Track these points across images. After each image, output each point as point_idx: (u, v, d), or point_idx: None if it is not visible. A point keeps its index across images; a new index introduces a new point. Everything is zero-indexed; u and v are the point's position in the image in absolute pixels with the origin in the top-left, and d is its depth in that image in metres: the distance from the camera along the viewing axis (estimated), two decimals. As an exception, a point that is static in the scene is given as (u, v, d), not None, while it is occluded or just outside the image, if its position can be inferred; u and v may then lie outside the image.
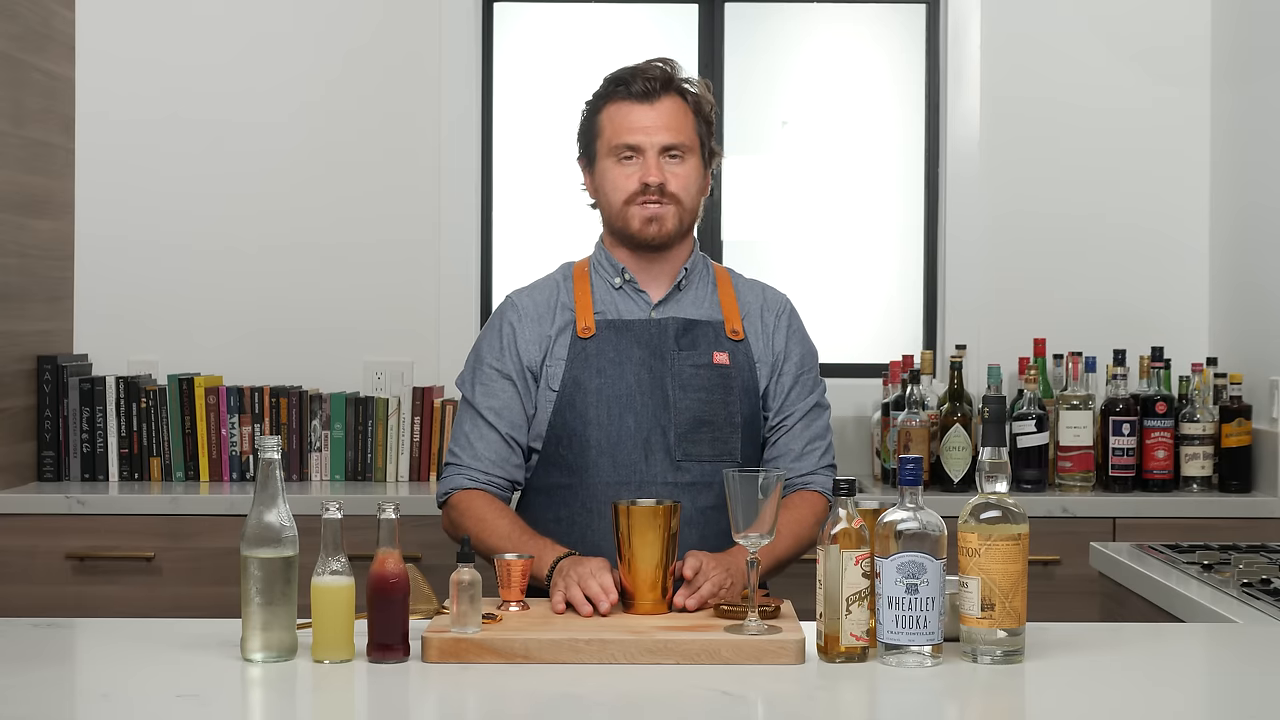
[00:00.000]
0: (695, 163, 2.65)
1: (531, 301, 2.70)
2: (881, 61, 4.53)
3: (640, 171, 2.61)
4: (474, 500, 2.61)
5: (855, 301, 4.48)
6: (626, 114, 2.63)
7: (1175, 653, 2.24)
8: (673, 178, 2.62)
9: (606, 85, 2.68)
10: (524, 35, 4.52)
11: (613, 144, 2.63)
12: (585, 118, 2.71)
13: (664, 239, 2.64)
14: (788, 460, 2.67)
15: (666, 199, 2.61)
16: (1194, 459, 3.95)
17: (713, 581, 2.31)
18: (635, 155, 2.62)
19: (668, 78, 2.65)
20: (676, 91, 2.65)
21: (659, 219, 2.62)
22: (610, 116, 2.65)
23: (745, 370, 2.65)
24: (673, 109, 2.63)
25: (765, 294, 2.75)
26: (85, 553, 3.76)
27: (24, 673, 2.02)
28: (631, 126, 2.62)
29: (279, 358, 4.29)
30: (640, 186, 2.61)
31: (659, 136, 2.61)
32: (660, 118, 2.62)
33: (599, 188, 2.68)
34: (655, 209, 2.61)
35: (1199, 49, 4.31)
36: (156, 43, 4.33)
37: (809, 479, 2.67)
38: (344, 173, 4.34)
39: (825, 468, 2.70)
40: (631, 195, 2.62)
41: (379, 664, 2.04)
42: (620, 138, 2.62)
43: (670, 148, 2.62)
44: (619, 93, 2.64)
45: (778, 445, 2.69)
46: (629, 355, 2.61)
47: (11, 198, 3.93)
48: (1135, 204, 4.34)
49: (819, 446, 2.70)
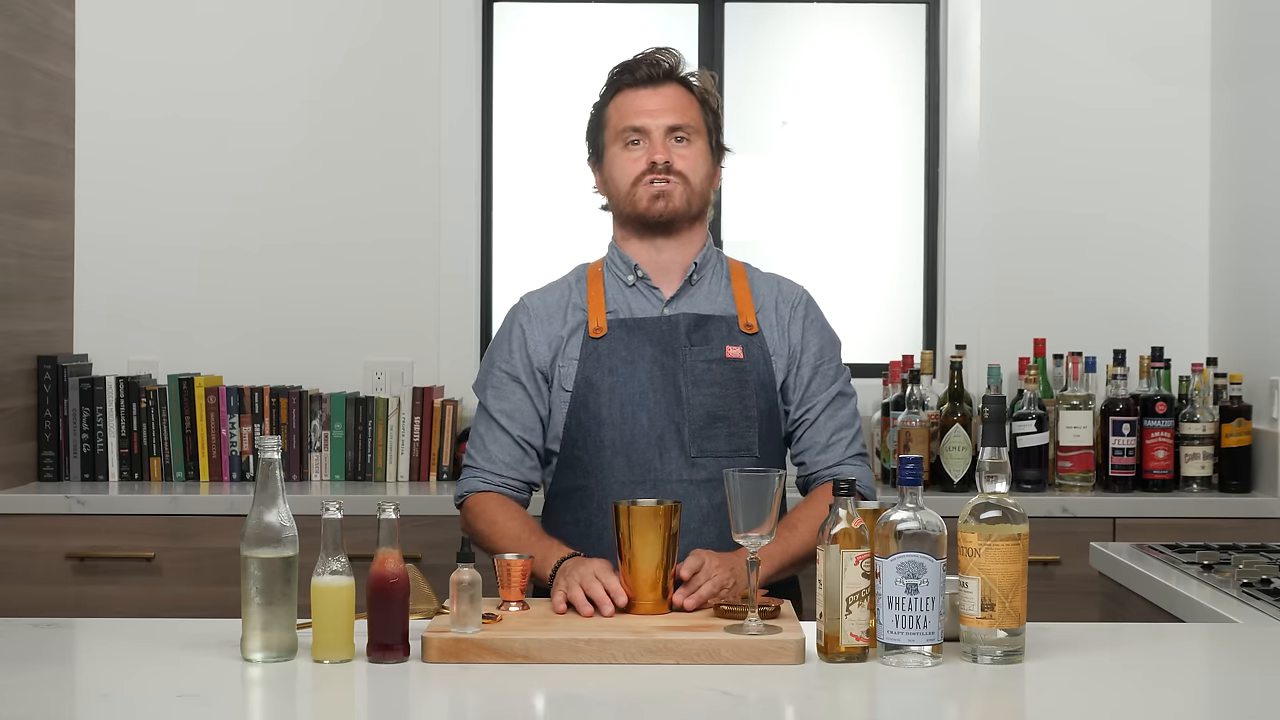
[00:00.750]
0: (702, 146, 2.66)
1: (542, 303, 2.70)
2: (881, 61, 4.53)
3: (647, 153, 2.63)
4: (488, 503, 2.61)
5: (855, 301, 4.48)
6: (632, 99, 2.65)
7: (1175, 653, 2.24)
8: (679, 158, 2.63)
9: (612, 75, 2.70)
10: (524, 35, 4.52)
11: (619, 129, 2.65)
12: (593, 115, 2.73)
13: (671, 215, 2.64)
14: (814, 453, 2.65)
15: (674, 177, 2.62)
16: (1194, 459, 3.95)
17: (714, 581, 2.31)
18: (641, 138, 2.64)
19: (671, 65, 2.67)
20: (680, 81, 2.67)
21: (666, 195, 2.63)
22: (616, 105, 2.67)
23: (760, 364, 2.64)
24: (677, 94, 2.66)
25: (781, 286, 2.75)
26: (85, 553, 3.76)
27: (24, 673, 2.02)
28: (637, 110, 2.64)
29: (279, 358, 4.29)
30: (647, 165, 2.62)
31: (664, 118, 2.63)
32: (665, 101, 2.64)
33: (608, 176, 2.69)
34: (662, 185, 2.62)
35: (1199, 49, 4.31)
36: (156, 42, 4.33)
37: (837, 470, 2.64)
38: (344, 172, 4.34)
39: (854, 457, 2.66)
40: (639, 176, 2.63)
41: (379, 664, 2.04)
42: (626, 121, 2.64)
43: (676, 128, 2.63)
44: (624, 79, 2.67)
45: (803, 439, 2.67)
46: (641, 353, 2.61)
47: (11, 198, 3.93)
48: (1135, 204, 4.35)
49: (845, 436, 2.66)
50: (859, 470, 2.65)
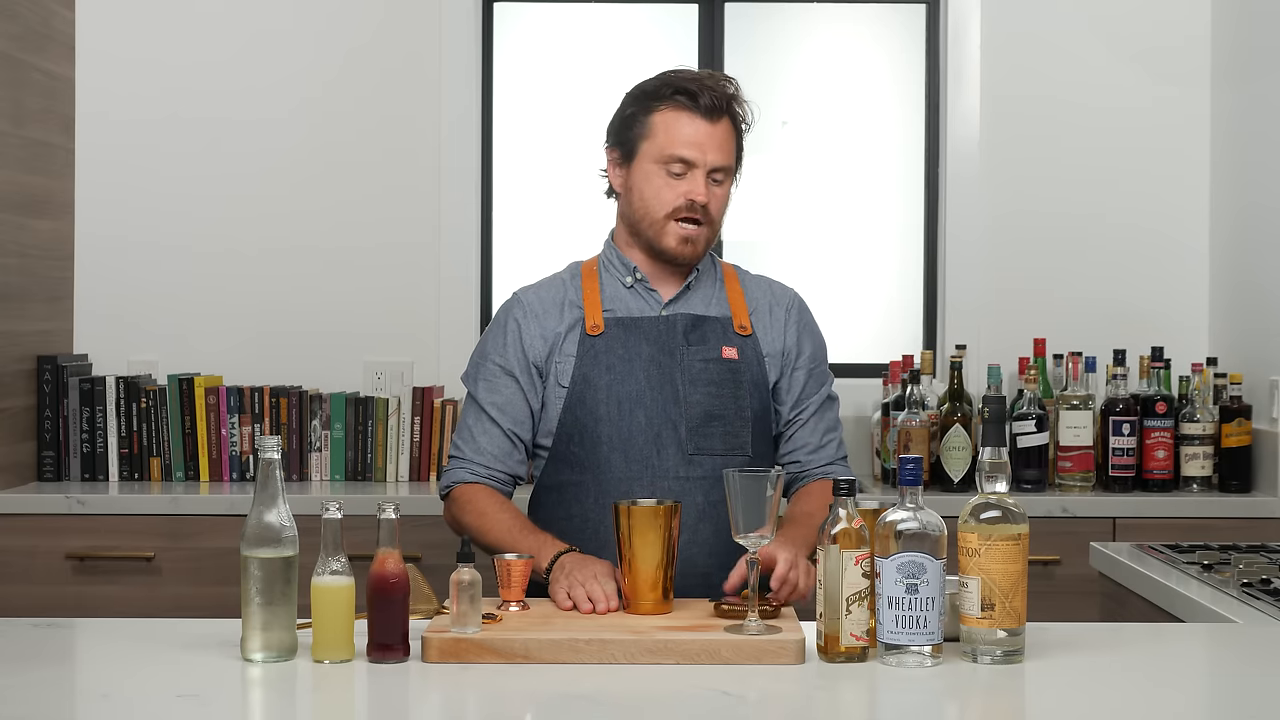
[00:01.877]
0: (730, 185, 2.67)
1: (538, 298, 2.70)
2: (881, 61, 4.53)
3: (688, 187, 2.59)
4: (476, 494, 2.62)
5: (855, 301, 4.48)
6: (688, 126, 2.59)
7: (1175, 653, 2.24)
8: (713, 199, 2.62)
9: (666, 88, 2.62)
10: (524, 35, 4.52)
11: (666, 152, 2.59)
12: (633, 113, 2.65)
13: (694, 259, 2.66)
14: (806, 452, 2.70)
15: (704, 221, 2.62)
16: (1194, 459, 3.95)
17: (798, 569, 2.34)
18: (686, 170, 2.60)
19: (730, 98, 2.63)
20: (731, 114, 2.64)
21: (693, 241, 2.62)
22: (668, 123, 2.60)
23: (754, 365, 2.66)
24: (728, 131, 2.63)
25: (773, 289, 2.76)
26: (85, 553, 3.76)
27: (24, 673, 2.02)
28: (691, 141, 2.59)
29: (279, 358, 4.29)
30: (686, 203, 2.60)
31: (713, 156, 2.60)
32: (717, 137, 2.60)
33: (635, 188, 2.64)
34: (692, 230, 2.61)
35: (1199, 49, 4.31)
36: (157, 43, 4.33)
37: (829, 469, 2.70)
38: (344, 173, 4.34)
39: (842, 459, 2.74)
40: (674, 210, 2.61)
41: (379, 664, 2.04)
42: (676, 149, 2.59)
43: (718, 169, 2.61)
44: (682, 102, 2.60)
45: (794, 439, 2.71)
46: (638, 352, 2.62)
47: (11, 198, 3.93)
48: (1135, 204, 4.35)
49: (834, 438, 2.74)
50: (847, 470, 2.73)
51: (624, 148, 2.66)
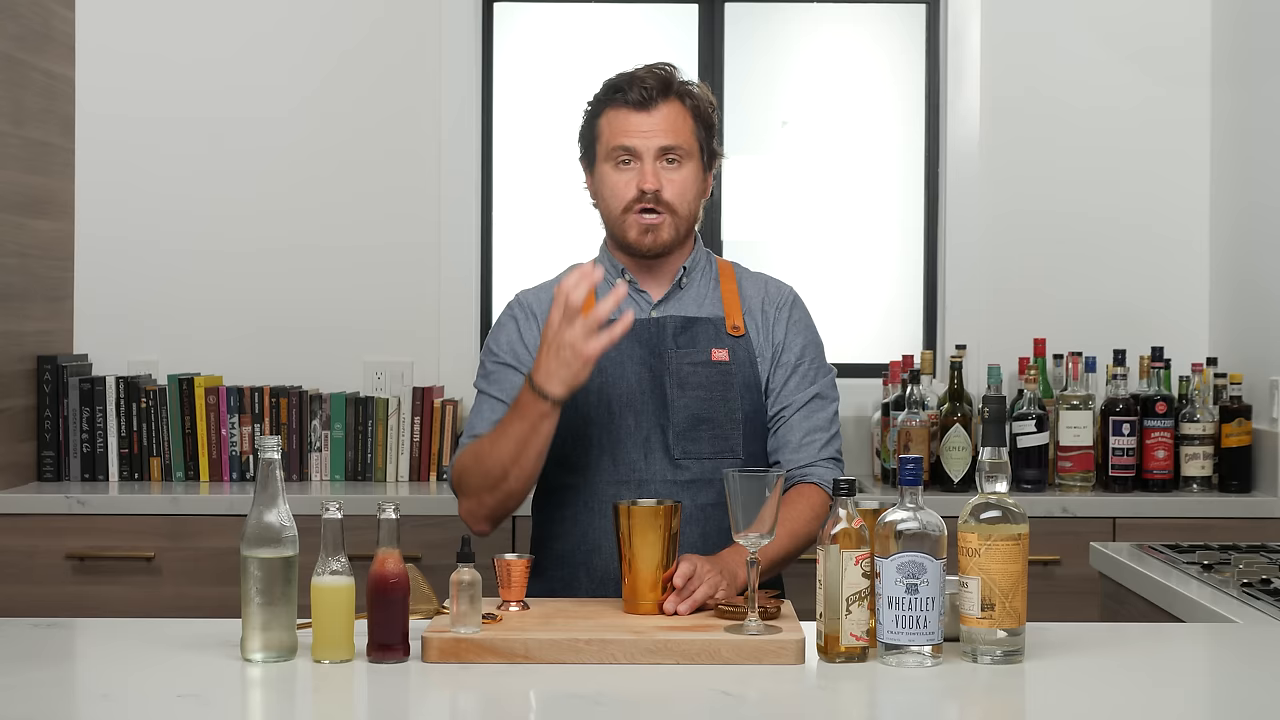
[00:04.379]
0: (693, 167, 2.64)
1: (537, 300, 2.72)
2: (881, 61, 4.53)
3: (637, 177, 2.61)
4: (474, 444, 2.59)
5: (855, 301, 4.49)
6: (623, 119, 2.62)
7: (1175, 653, 2.24)
8: (669, 184, 2.61)
9: (605, 91, 2.67)
10: (524, 35, 4.52)
11: (610, 146, 2.63)
12: (585, 121, 2.71)
13: (660, 249, 2.65)
14: (786, 452, 2.64)
15: (662, 208, 2.61)
16: (1194, 459, 3.95)
17: (707, 584, 2.30)
18: (632, 160, 2.61)
19: (665, 83, 2.63)
20: (675, 95, 2.64)
21: (654, 229, 2.62)
22: (609, 120, 2.64)
23: (746, 366, 2.65)
24: (669, 114, 2.63)
25: (768, 286, 2.75)
26: (85, 553, 3.76)
27: (24, 673, 2.02)
28: (628, 130, 2.61)
29: (279, 358, 4.29)
30: (637, 193, 2.60)
31: (655, 139, 2.61)
32: (657, 123, 2.61)
33: (598, 192, 2.69)
34: (651, 219, 2.61)
35: (1199, 49, 4.31)
36: (157, 42, 4.33)
37: (807, 471, 2.63)
38: (344, 173, 4.34)
39: (827, 459, 2.66)
40: (629, 203, 2.61)
41: (379, 664, 2.04)
42: (616, 140, 2.62)
43: (668, 150, 2.61)
44: (615, 99, 2.64)
45: (776, 436, 2.67)
46: (629, 354, 2.62)
47: (11, 198, 3.93)
48: (1135, 204, 4.35)
49: (819, 438, 2.66)
50: (832, 471, 2.64)
51: (587, 157, 2.71)
